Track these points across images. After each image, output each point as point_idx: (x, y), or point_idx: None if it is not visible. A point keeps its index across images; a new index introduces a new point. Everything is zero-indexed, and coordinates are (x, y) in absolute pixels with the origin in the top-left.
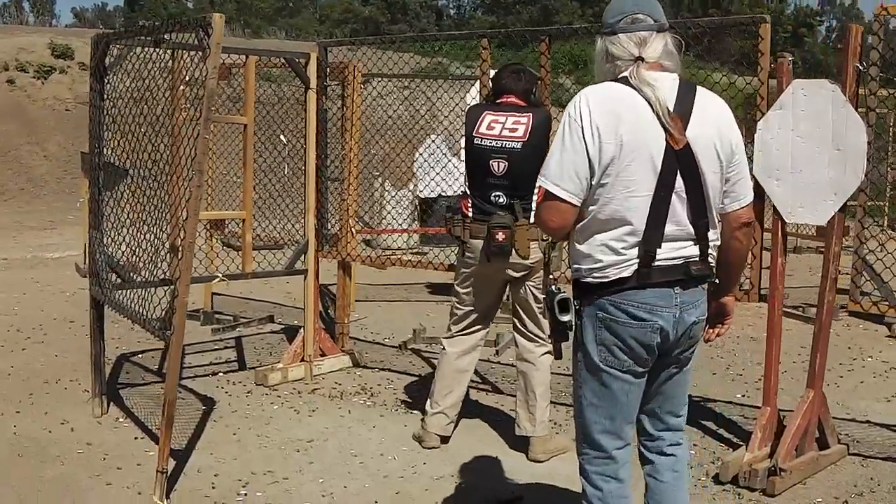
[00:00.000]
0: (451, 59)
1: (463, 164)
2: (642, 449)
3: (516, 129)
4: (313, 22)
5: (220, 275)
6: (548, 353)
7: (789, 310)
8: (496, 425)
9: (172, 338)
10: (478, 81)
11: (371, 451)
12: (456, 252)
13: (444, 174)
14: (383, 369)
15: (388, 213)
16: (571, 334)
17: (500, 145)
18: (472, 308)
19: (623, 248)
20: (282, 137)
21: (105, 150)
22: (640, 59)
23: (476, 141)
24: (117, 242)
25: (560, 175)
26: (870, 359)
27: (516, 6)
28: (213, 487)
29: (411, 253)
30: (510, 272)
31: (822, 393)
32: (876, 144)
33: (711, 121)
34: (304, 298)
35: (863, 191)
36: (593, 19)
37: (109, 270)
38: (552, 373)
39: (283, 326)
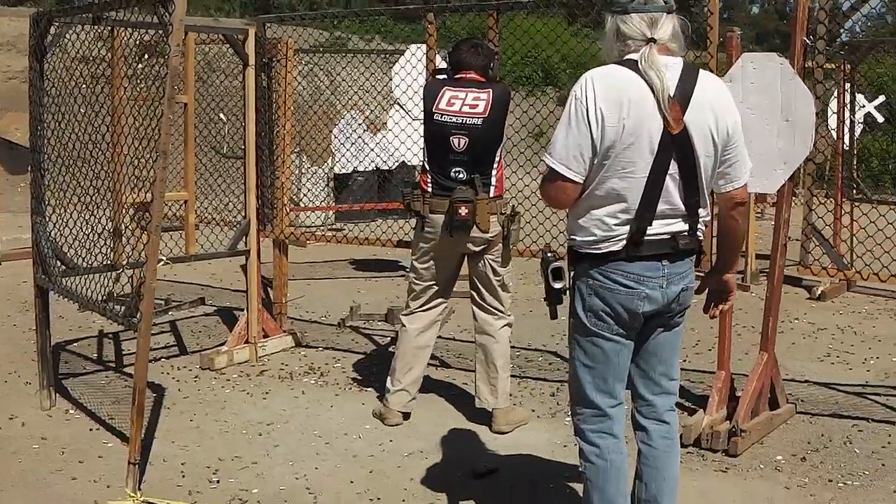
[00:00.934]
0: (349, 33)
1: (375, 139)
2: (636, 415)
3: (476, 105)
4: None
5: (164, 258)
6: (507, 325)
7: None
8: (452, 399)
9: (140, 325)
10: (409, 54)
11: (334, 431)
12: (413, 227)
13: (357, 150)
14: (327, 348)
15: (307, 190)
16: (566, 298)
17: (460, 121)
18: (431, 283)
19: (615, 225)
20: (221, 116)
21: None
22: (652, 40)
23: (436, 117)
24: (59, 227)
25: (566, 155)
26: (796, 321)
27: None
28: (183, 476)
29: (328, 229)
30: (470, 246)
31: (773, 355)
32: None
33: (709, 105)
34: (246, 279)
35: (811, 160)
36: None
37: (54, 257)
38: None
39: (215, 308)
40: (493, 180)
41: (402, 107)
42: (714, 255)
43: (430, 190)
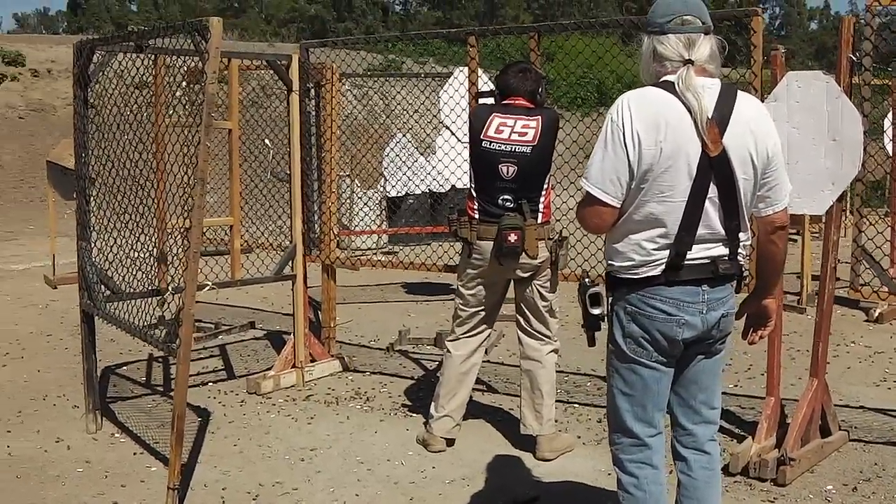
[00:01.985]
0: (404, 56)
1: (430, 162)
2: (676, 444)
3: (526, 133)
4: (259, 22)
5: (210, 283)
6: (553, 350)
7: None
8: (498, 425)
9: (179, 350)
10: (452, 78)
11: (377, 457)
12: (460, 252)
13: (411, 173)
14: (375, 373)
15: (359, 213)
16: (604, 325)
17: (509, 149)
18: (477, 309)
19: (654, 249)
20: (266, 142)
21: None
22: (689, 61)
23: (484, 144)
24: (104, 252)
25: (602, 179)
26: (853, 344)
27: (461, 1)
28: (223, 501)
29: (381, 253)
30: (518, 272)
31: (824, 381)
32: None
33: (748, 127)
34: (293, 303)
35: (860, 180)
36: (539, 12)
37: (99, 282)
38: (555, 371)
39: (264, 332)
40: (541, 206)
41: (449, 130)
42: (753, 279)
43: (477, 216)
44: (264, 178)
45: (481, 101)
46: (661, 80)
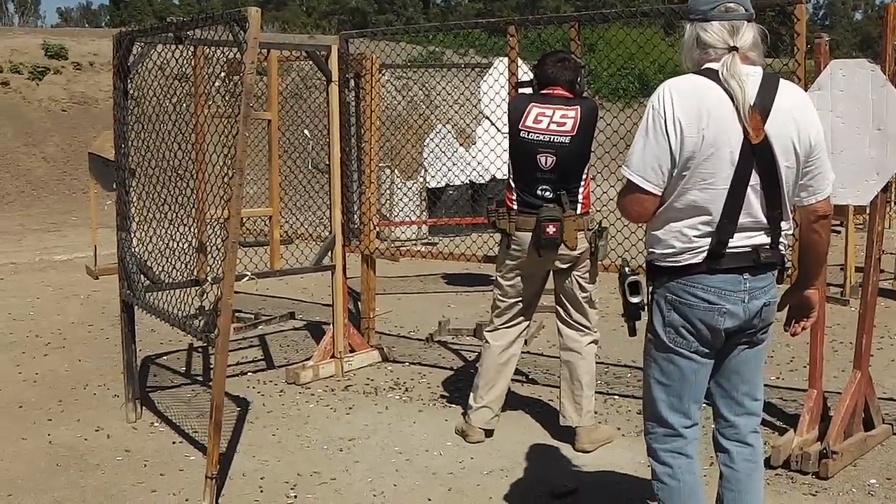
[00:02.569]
0: (444, 47)
1: (470, 153)
2: (718, 436)
3: (564, 123)
4: (300, 14)
5: (249, 273)
6: (593, 342)
7: None
8: (537, 416)
9: (218, 340)
10: (492, 68)
11: (415, 448)
12: (498, 243)
13: (452, 164)
14: (414, 363)
15: (398, 203)
16: (644, 314)
17: (547, 139)
18: (516, 300)
19: (696, 237)
20: (306, 132)
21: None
22: (734, 48)
23: (522, 134)
24: (144, 243)
25: (643, 167)
26: None
27: None
28: (261, 491)
29: (421, 243)
30: (558, 263)
31: (868, 373)
32: None
33: (791, 116)
34: (332, 294)
35: None
36: (580, 2)
37: (139, 272)
38: (595, 363)
39: (304, 323)
40: (581, 197)
41: (489, 120)
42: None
43: (515, 207)
44: (304, 168)
45: (520, 90)
46: (704, 67)
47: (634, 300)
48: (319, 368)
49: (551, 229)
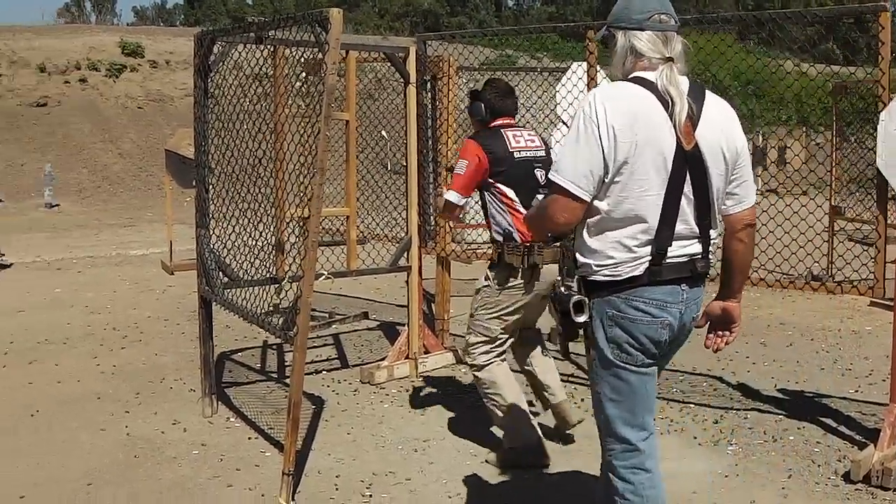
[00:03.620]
0: (519, 52)
1: None
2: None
3: (534, 141)
4: (373, 16)
5: (325, 272)
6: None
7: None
8: None
9: (296, 338)
10: (570, 72)
11: (490, 451)
12: (497, 280)
13: None
14: None
15: (473, 206)
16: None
17: (534, 155)
18: (509, 336)
19: (636, 246)
20: (383, 133)
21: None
22: (670, 59)
23: (517, 155)
24: (223, 240)
25: (574, 173)
26: None
27: None
28: (337, 489)
29: None
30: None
31: None
32: None
33: (719, 124)
34: (407, 295)
35: None
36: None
37: (217, 269)
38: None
39: (377, 323)
40: None
41: (565, 124)
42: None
43: (536, 243)
44: (380, 169)
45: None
46: (634, 75)
47: (580, 319)
48: (394, 369)
49: None
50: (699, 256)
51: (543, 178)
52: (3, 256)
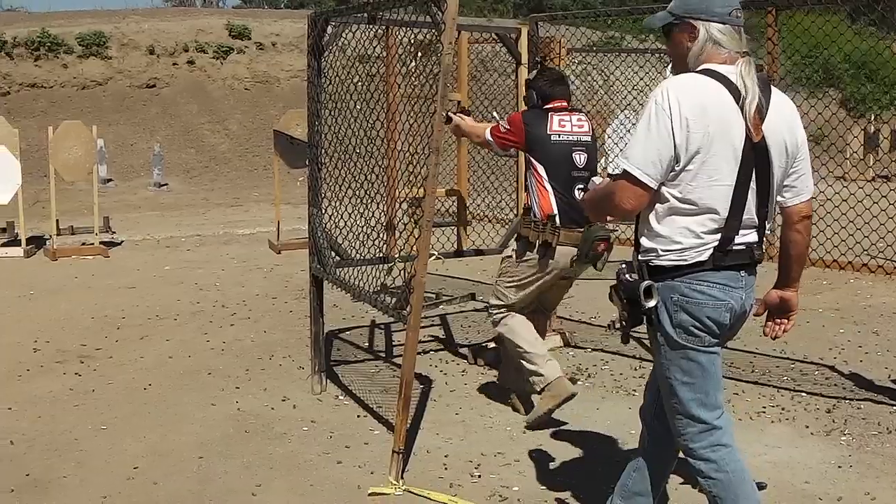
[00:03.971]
0: (623, 32)
1: None
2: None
3: (583, 126)
4: None
5: (436, 253)
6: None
7: None
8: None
9: (410, 317)
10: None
11: (599, 435)
12: (517, 252)
13: None
14: (595, 349)
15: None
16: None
17: (576, 139)
18: (521, 304)
19: (703, 233)
20: (494, 114)
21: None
22: (746, 52)
23: (554, 138)
24: (335, 220)
25: (644, 161)
26: None
27: None
28: (445, 468)
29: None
30: (574, 273)
31: None
32: None
33: (784, 117)
34: None
35: None
36: None
37: (329, 248)
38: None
39: (484, 304)
40: None
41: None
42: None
43: (558, 221)
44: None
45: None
46: (705, 66)
47: (651, 304)
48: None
49: (602, 248)
50: (756, 244)
51: (583, 161)
52: (114, 234)
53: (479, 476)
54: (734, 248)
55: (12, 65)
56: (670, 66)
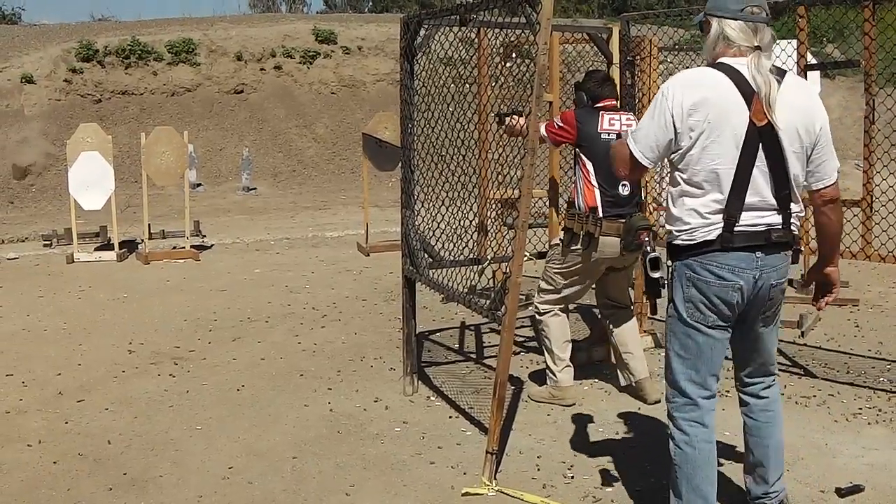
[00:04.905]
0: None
1: None
2: (740, 394)
3: (632, 124)
4: None
5: (527, 254)
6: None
7: None
8: (814, 411)
9: (504, 318)
10: (778, 49)
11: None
12: (563, 241)
13: None
14: None
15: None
16: (664, 291)
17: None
18: (572, 292)
19: (708, 213)
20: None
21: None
22: (757, 47)
23: (604, 136)
24: (427, 222)
25: (644, 142)
26: None
27: None
28: (538, 469)
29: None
30: (624, 263)
31: None
32: None
33: (797, 106)
34: None
35: None
36: None
37: (422, 250)
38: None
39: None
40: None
41: None
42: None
43: (601, 213)
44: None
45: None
46: (719, 61)
47: (654, 275)
48: (592, 351)
49: (644, 237)
50: (777, 227)
51: None
52: (205, 238)
53: (573, 477)
54: (743, 228)
55: (104, 73)
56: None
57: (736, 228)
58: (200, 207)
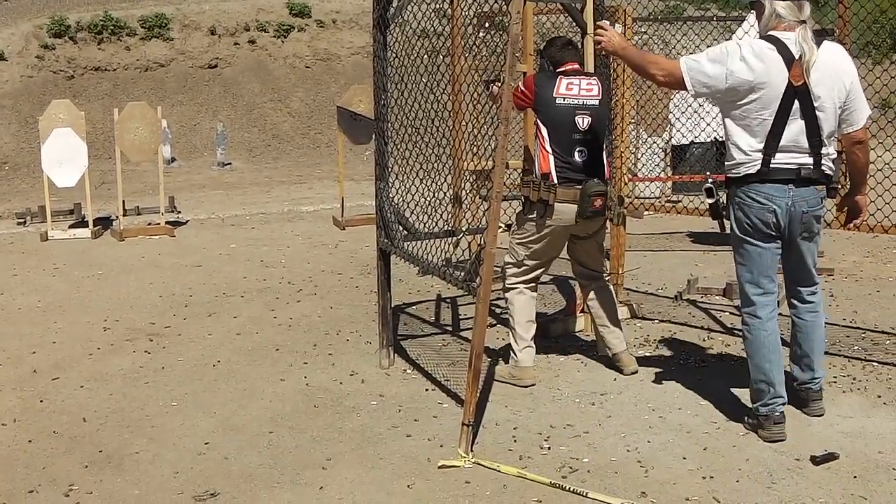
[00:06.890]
0: (684, 2)
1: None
2: (790, 299)
3: (592, 90)
4: None
5: (501, 225)
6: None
7: None
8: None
9: (479, 289)
10: (745, 22)
11: (668, 405)
12: (524, 211)
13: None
14: (663, 321)
15: (641, 160)
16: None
17: (581, 103)
18: (537, 263)
19: (751, 151)
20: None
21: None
22: (803, 22)
23: (559, 101)
24: (402, 194)
25: (697, 78)
26: None
27: None
28: (515, 441)
29: (665, 201)
30: (588, 231)
31: None
32: None
33: (830, 65)
34: None
35: None
36: None
37: (396, 222)
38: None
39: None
40: (605, 165)
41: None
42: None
43: (555, 179)
44: None
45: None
46: (770, 34)
47: (709, 201)
48: (568, 323)
49: (599, 203)
50: (808, 166)
51: (585, 125)
52: (180, 214)
53: (549, 448)
54: (777, 165)
55: (76, 49)
56: (738, 29)
57: (772, 164)
58: (175, 183)
